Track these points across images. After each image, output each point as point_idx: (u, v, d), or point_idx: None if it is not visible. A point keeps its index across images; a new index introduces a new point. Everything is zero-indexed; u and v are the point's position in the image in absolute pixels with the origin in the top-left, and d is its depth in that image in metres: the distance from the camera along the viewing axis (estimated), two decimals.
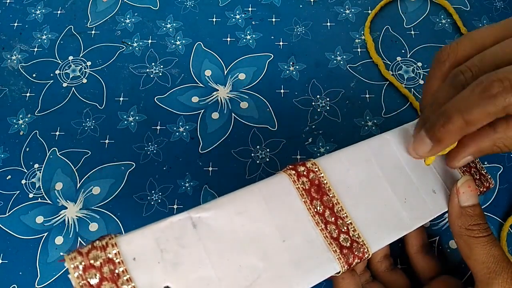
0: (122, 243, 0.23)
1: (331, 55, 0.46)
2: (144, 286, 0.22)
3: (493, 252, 0.28)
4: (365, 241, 0.27)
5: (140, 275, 0.22)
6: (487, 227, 0.29)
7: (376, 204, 0.29)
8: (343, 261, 0.26)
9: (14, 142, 0.43)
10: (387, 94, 0.43)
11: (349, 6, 0.49)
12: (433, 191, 0.30)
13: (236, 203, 0.26)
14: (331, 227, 0.27)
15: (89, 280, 0.21)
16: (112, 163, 0.41)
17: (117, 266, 0.22)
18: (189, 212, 0.24)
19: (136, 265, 0.22)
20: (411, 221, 0.29)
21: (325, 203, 0.28)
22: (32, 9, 0.50)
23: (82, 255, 0.22)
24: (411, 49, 0.46)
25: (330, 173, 0.29)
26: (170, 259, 0.23)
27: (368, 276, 0.34)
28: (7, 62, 0.47)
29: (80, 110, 0.44)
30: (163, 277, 0.23)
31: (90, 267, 0.22)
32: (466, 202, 0.29)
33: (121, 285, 0.22)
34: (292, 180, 0.28)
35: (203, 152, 0.41)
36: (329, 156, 0.30)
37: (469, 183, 0.29)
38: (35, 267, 0.37)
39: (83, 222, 0.39)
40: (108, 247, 0.22)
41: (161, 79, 0.45)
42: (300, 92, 0.44)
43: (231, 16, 0.49)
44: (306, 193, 0.27)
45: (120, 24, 0.49)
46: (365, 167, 0.30)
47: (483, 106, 0.22)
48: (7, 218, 0.39)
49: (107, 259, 0.22)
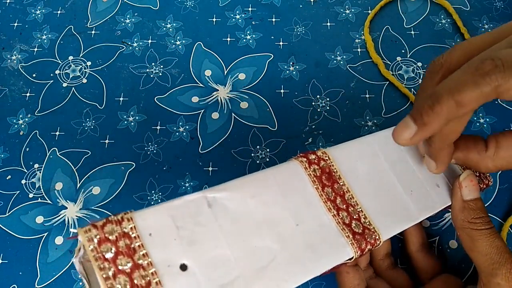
0: (137, 218, 0.22)
1: (331, 55, 0.46)
2: (160, 262, 0.22)
3: (496, 244, 0.28)
4: (376, 229, 0.27)
5: (157, 251, 0.22)
6: (489, 220, 0.29)
7: (384, 195, 0.29)
8: (356, 246, 0.26)
9: (14, 142, 0.43)
10: (387, 94, 0.43)
11: (349, 6, 0.49)
12: (437, 185, 0.31)
13: (250, 186, 0.26)
14: (343, 213, 0.27)
15: (104, 254, 0.21)
16: (112, 163, 0.41)
17: (133, 240, 0.22)
18: (203, 192, 0.24)
19: (152, 241, 0.22)
20: (418, 212, 0.29)
21: (336, 190, 0.28)
22: (32, 9, 0.50)
23: (97, 228, 0.21)
24: (411, 49, 0.46)
25: (340, 163, 0.29)
26: (186, 236, 0.23)
27: (371, 272, 0.34)
28: (7, 62, 0.47)
29: (80, 110, 0.44)
30: (179, 254, 0.22)
31: (105, 240, 0.21)
32: (469, 196, 0.29)
33: (137, 260, 0.21)
34: (304, 167, 0.28)
35: (203, 152, 0.41)
36: (338, 146, 0.30)
37: (471, 177, 0.30)
38: (35, 267, 0.37)
39: (83, 222, 0.39)
40: (123, 221, 0.22)
41: (161, 79, 0.45)
42: (300, 92, 0.44)
43: (231, 16, 0.49)
44: (318, 180, 0.28)
45: (120, 24, 0.49)
46: (372, 159, 0.30)
47: (475, 84, 0.21)
48: (7, 218, 0.39)
49: (123, 233, 0.21)
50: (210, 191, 0.25)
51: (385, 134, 0.32)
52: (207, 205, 0.24)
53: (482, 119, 0.42)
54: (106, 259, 0.21)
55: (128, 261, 0.21)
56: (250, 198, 0.25)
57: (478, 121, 0.42)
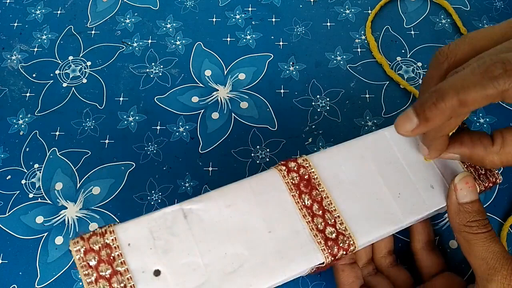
0: (119, 230, 0.26)
1: (331, 55, 0.46)
2: (136, 268, 0.25)
3: (492, 249, 0.27)
4: (352, 234, 0.28)
5: (134, 259, 0.25)
6: (487, 223, 0.28)
7: (367, 199, 0.30)
8: (327, 252, 0.27)
9: (14, 142, 0.43)
10: (387, 94, 0.43)
11: (349, 6, 0.49)
12: (431, 186, 0.31)
13: (226, 196, 0.28)
14: (317, 220, 0.28)
15: (89, 262, 0.24)
16: (112, 163, 0.41)
17: (113, 250, 0.25)
18: (181, 204, 0.27)
19: (130, 250, 0.25)
20: (404, 216, 0.29)
21: (313, 197, 0.29)
22: (32, 9, 0.50)
23: (84, 240, 0.25)
24: (411, 49, 0.46)
25: (321, 169, 0.30)
26: (161, 246, 0.26)
27: (372, 268, 0.34)
28: (7, 62, 0.47)
29: (80, 110, 0.44)
30: (154, 261, 0.25)
31: (90, 250, 0.25)
32: (464, 198, 0.29)
33: (116, 267, 0.25)
34: (282, 175, 0.29)
35: (203, 152, 0.41)
36: (321, 152, 0.31)
37: (467, 179, 0.29)
38: (35, 267, 0.37)
39: (83, 222, 0.39)
40: (106, 233, 0.25)
41: (161, 79, 0.45)
42: (300, 92, 0.44)
43: (231, 16, 0.49)
44: (295, 187, 0.29)
45: (120, 24, 0.49)
46: (359, 162, 0.31)
47: (482, 86, 0.21)
48: (7, 218, 0.39)
49: (105, 244, 0.25)
50: (187, 203, 0.27)
51: (374, 137, 0.32)
52: (183, 216, 0.27)
53: (482, 119, 0.42)
54: (90, 266, 0.24)
55: (108, 268, 0.24)
56: (226, 207, 0.27)
57: (478, 121, 0.42)
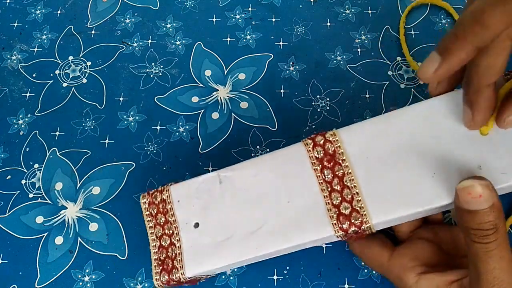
0: (172, 189, 0.33)
1: (331, 55, 0.46)
2: (182, 219, 0.32)
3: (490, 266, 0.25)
4: (368, 212, 0.28)
5: (180, 212, 0.32)
6: (490, 234, 0.25)
7: (393, 177, 0.28)
8: (337, 227, 0.28)
9: (14, 142, 0.43)
10: (387, 94, 0.43)
11: (349, 6, 0.49)
12: (479, 167, 0.27)
13: (255, 167, 0.32)
14: (335, 195, 0.29)
15: (151, 211, 0.33)
16: (112, 163, 0.41)
17: (167, 204, 0.32)
18: (218, 171, 0.32)
19: (179, 205, 0.32)
20: (435, 198, 0.27)
21: (335, 172, 0.30)
22: (32, 9, 0.50)
23: (149, 195, 0.33)
24: (411, 49, 0.46)
25: (349, 144, 0.30)
26: (201, 204, 0.32)
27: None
28: (7, 62, 0.47)
29: (80, 110, 0.44)
30: (195, 215, 0.32)
31: (152, 203, 0.33)
32: (465, 206, 0.26)
33: (168, 217, 0.32)
34: (308, 149, 0.31)
35: (203, 152, 0.41)
36: (351, 126, 0.31)
37: (470, 189, 0.25)
38: (35, 267, 0.37)
39: (83, 222, 0.39)
40: (164, 191, 0.33)
41: (161, 79, 0.45)
42: (300, 92, 0.44)
43: (231, 16, 0.49)
44: (318, 161, 0.30)
45: (120, 24, 0.49)
46: (394, 138, 0.29)
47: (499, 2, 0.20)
48: (7, 218, 0.39)
49: (162, 199, 0.33)
50: (224, 170, 0.32)
51: (420, 107, 0.29)
52: (219, 182, 0.32)
53: None
54: (151, 215, 0.33)
55: (162, 217, 0.32)
56: (253, 176, 0.31)
57: None
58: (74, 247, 0.38)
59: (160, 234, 0.32)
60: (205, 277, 0.34)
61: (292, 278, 0.36)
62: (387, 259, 0.32)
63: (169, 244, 0.31)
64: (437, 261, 0.31)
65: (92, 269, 0.37)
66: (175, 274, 0.30)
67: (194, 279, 0.32)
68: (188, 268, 0.30)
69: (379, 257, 0.32)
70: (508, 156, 0.27)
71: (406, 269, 0.31)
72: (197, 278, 0.32)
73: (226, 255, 0.30)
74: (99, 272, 0.37)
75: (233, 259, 0.30)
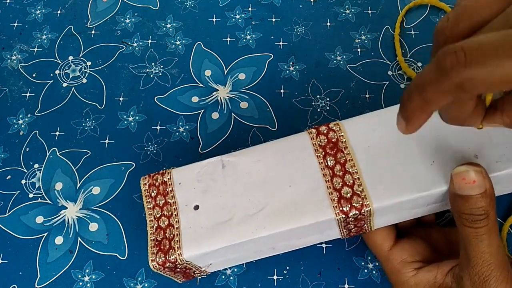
0: (174, 172, 0.33)
1: (331, 55, 0.46)
2: (182, 202, 0.32)
3: (480, 249, 0.27)
4: (368, 196, 0.29)
5: (181, 194, 0.32)
6: (481, 219, 0.27)
7: (394, 165, 0.30)
8: (338, 209, 0.29)
9: (14, 142, 0.43)
10: (387, 94, 0.43)
11: (349, 6, 0.49)
12: (475, 156, 0.29)
13: (258, 153, 0.32)
14: (337, 179, 0.30)
15: (150, 193, 0.33)
16: (112, 163, 0.41)
17: (168, 186, 0.32)
18: (221, 156, 0.33)
19: (180, 188, 0.32)
20: (432, 184, 0.29)
21: (337, 159, 0.31)
22: (32, 9, 0.50)
23: (150, 177, 0.33)
24: (411, 49, 0.46)
25: (352, 133, 0.31)
26: (202, 187, 0.32)
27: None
28: (7, 62, 0.47)
29: (80, 110, 0.44)
30: (195, 198, 0.32)
31: (152, 185, 0.33)
32: (459, 191, 0.27)
33: (168, 199, 0.32)
34: (311, 137, 0.32)
35: (203, 152, 0.41)
36: (354, 118, 0.32)
37: (464, 175, 0.27)
38: (35, 267, 0.37)
39: (83, 222, 0.39)
40: (165, 174, 0.33)
41: (161, 79, 0.45)
42: (300, 92, 0.44)
43: (231, 16, 0.49)
44: (321, 148, 0.31)
45: (120, 24, 0.49)
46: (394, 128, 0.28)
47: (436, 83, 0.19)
48: (7, 218, 0.39)
49: (163, 181, 0.33)
50: (226, 155, 0.33)
51: None
52: (221, 166, 0.32)
53: None
54: (151, 196, 0.33)
55: (162, 199, 0.32)
56: (256, 162, 0.32)
57: None
58: (74, 247, 0.38)
59: (158, 215, 0.32)
60: (199, 272, 0.33)
61: (292, 278, 0.36)
62: (388, 248, 0.33)
63: (167, 225, 0.31)
64: (432, 259, 0.33)
65: (92, 269, 0.37)
66: (172, 255, 0.30)
67: (188, 271, 0.32)
68: (186, 249, 0.30)
69: (381, 244, 0.33)
70: (502, 146, 0.29)
71: (405, 263, 0.32)
72: (192, 270, 0.32)
73: (224, 237, 0.30)
74: (99, 272, 0.37)
75: (231, 240, 0.30)
